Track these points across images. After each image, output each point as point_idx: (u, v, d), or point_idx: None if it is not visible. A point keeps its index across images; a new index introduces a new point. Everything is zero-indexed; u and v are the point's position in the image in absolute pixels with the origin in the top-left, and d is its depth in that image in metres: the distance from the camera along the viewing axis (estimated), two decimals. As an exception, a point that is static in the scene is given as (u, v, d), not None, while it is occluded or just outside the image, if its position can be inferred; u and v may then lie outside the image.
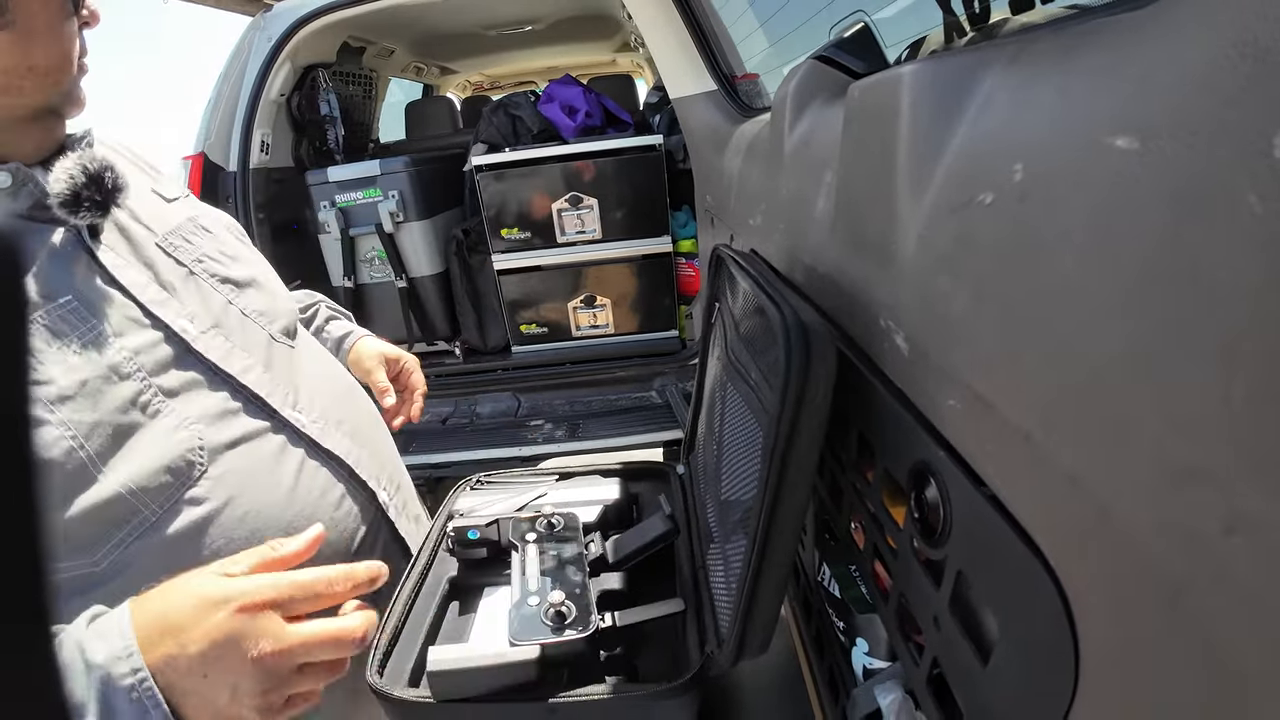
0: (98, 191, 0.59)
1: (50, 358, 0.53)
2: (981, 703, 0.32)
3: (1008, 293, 0.30)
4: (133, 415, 0.57)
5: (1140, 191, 0.22)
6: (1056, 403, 0.26)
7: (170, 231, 0.69)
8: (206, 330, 0.65)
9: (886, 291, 0.43)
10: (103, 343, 0.57)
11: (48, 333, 0.54)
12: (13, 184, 0.57)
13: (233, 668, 0.45)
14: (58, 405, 0.52)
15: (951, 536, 0.34)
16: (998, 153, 0.32)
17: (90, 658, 0.44)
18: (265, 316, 0.74)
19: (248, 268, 0.76)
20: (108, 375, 0.56)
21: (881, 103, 0.46)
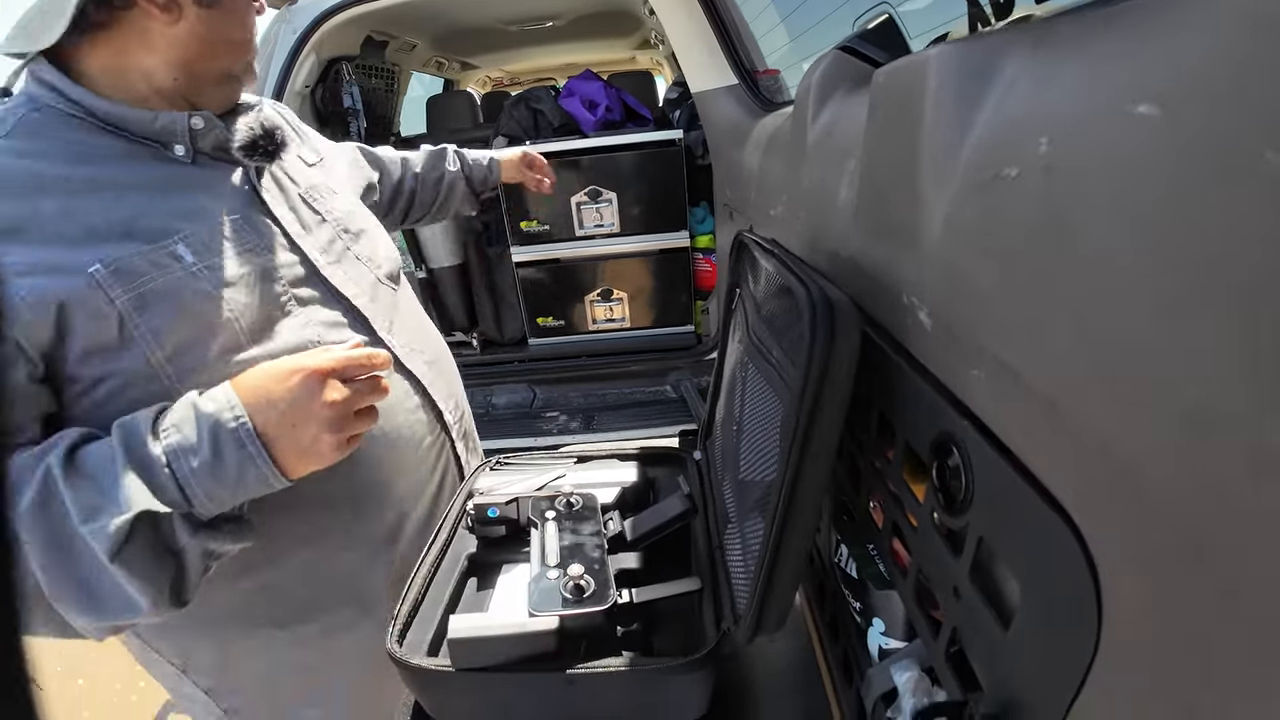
0: (269, 144, 0.78)
1: (223, 253, 0.71)
2: (1001, 668, 0.32)
3: (1034, 262, 0.30)
4: (273, 309, 0.74)
5: (1164, 155, 0.23)
6: (1082, 365, 0.26)
7: (310, 188, 0.87)
8: (332, 262, 0.82)
9: (910, 269, 0.44)
10: (259, 252, 0.74)
11: (222, 236, 0.72)
12: (204, 126, 0.73)
13: (309, 415, 0.63)
14: (224, 287, 0.70)
15: (974, 505, 0.34)
16: (1022, 129, 0.33)
17: (201, 409, 0.61)
18: (373, 261, 0.90)
19: (362, 222, 0.93)
20: (261, 275, 0.74)
21: (907, 86, 0.47)
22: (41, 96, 0.69)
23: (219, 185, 0.75)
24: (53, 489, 0.57)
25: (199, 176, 0.74)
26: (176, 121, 0.71)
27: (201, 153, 0.75)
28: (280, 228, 0.78)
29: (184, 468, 0.60)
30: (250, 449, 0.61)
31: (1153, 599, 0.24)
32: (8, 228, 0.62)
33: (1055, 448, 0.28)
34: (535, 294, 2.25)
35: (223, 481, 0.61)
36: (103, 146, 0.69)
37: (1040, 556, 0.29)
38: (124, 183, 0.69)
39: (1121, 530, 0.25)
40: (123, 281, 0.64)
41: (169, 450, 0.60)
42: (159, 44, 0.69)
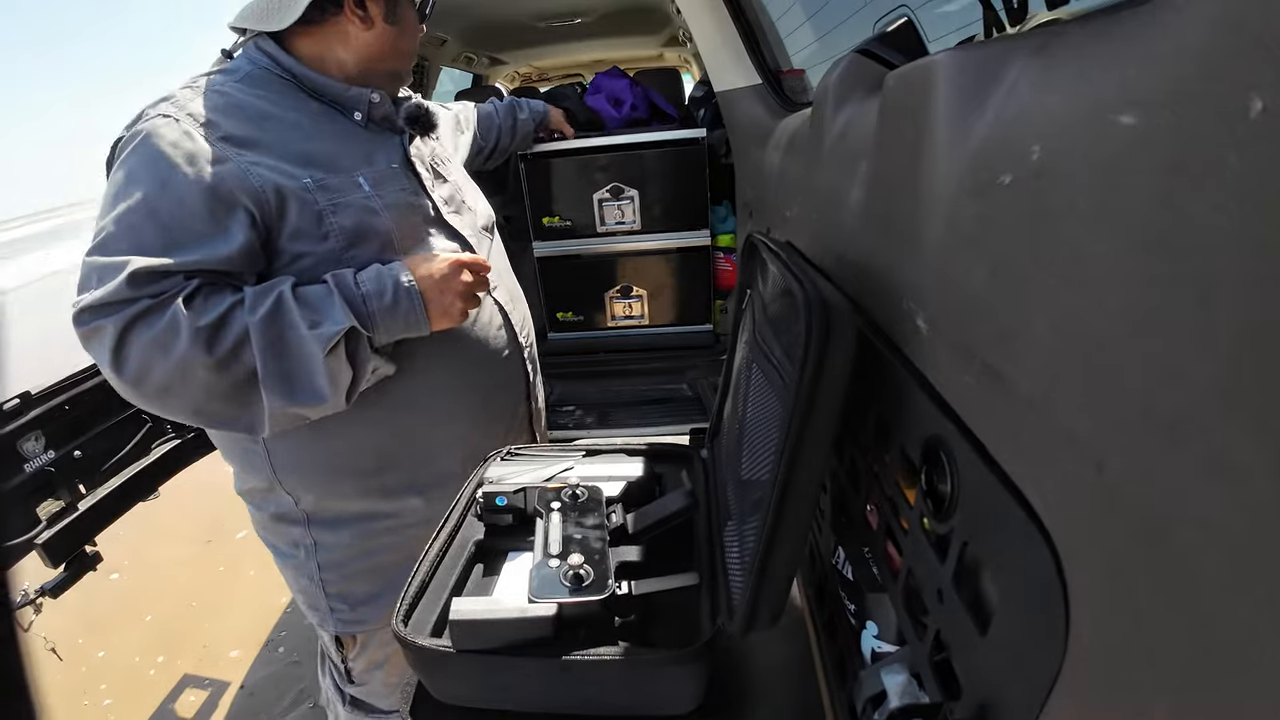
0: (426, 121, 1.11)
1: (388, 189, 0.99)
2: (979, 673, 0.33)
3: (1020, 266, 0.31)
4: (419, 230, 1.02)
5: (1139, 161, 0.24)
6: (1059, 366, 0.27)
7: (435, 156, 1.14)
8: (452, 212, 1.10)
9: (911, 274, 0.44)
10: (410, 193, 1.03)
11: (387, 178, 1.00)
12: (379, 101, 1.01)
13: (449, 287, 0.95)
14: (387, 210, 0.97)
15: (958, 509, 0.35)
16: (1019, 135, 0.33)
17: (387, 272, 0.91)
18: (476, 214, 1.18)
19: (466, 185, 1.21)
20: (410, 208, 1.01)
21: (913, 90, 0.47)
22: (261, 60, 0.97)
23: (384, 144, 1.04)
24: (284, 305, 0.84)
25: (369, 137, 1.02)
26: (362, 95, 0.99)
27: (372, 121, 1.03)
28: (419, 181, 1.06)
29: (373, 305, 0.88)
30: (415, 300, 0.91)
31: (1117, 606, 0.24)
32: (245, 140, 0.88)
33: (1031, 453, 0.29)
34: (555, 289, 2.26)
35: (394, 319, 0.90)
36: (305, 102, 0.97)
37: (1014, 562, 0.29)
38: (321, 130, 0.96)
39: (1090, 536, 0.25)
40: (326, 193, 0.91)
41: (366, 293, 0.88)
42: (353, 43, 0.99)
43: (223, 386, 0.84)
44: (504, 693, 0.63)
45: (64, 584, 1.49)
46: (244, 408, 0.87)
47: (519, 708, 0.63)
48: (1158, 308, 0.22)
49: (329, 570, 1.11)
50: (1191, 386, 0.21)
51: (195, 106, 0.88)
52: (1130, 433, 0.23)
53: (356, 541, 1.10)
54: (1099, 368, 0.25)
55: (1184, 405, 0.21)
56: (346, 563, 1.11)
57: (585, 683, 0.59)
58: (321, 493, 1.07)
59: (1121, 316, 0.24)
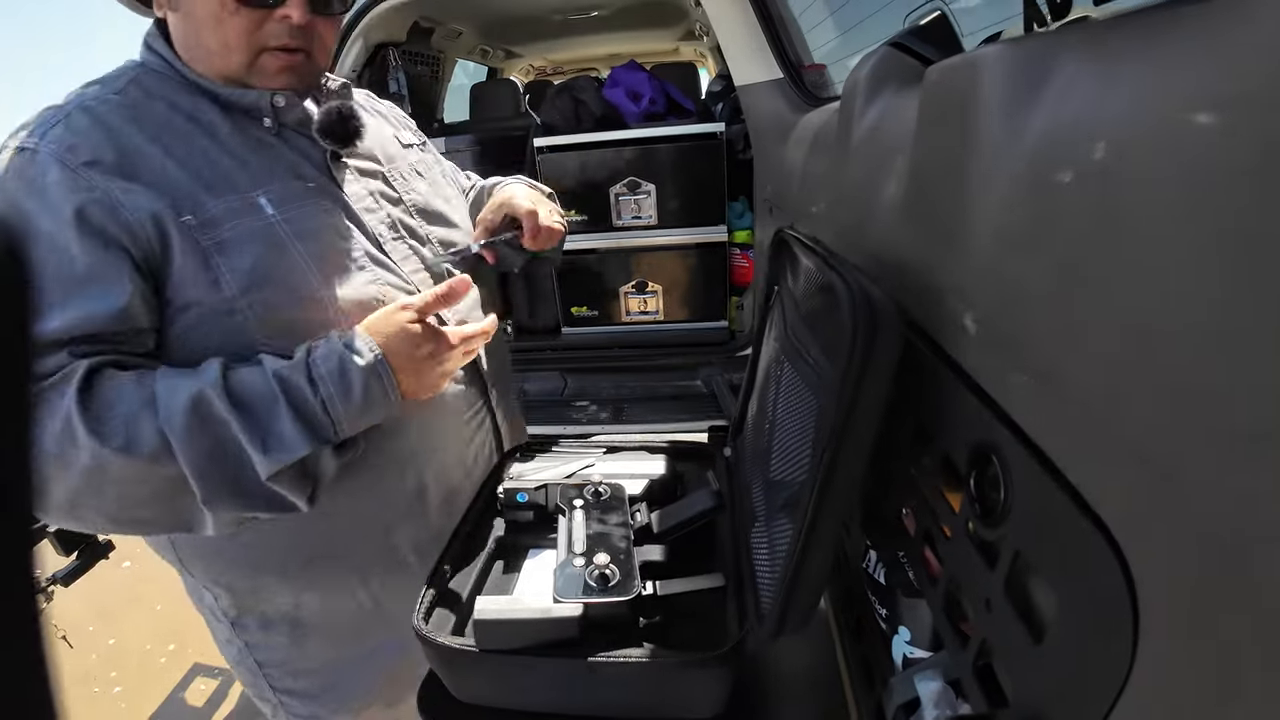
0: (342, 131, 0.82)
1: (300, 210, 0.78)
2: (1032, 683, 0.32)
3: (1085, 267, 0.30)
4: (346, 261, 0.81)
5: (1221, 161, 0.23)
6: (1129, 373, 0.26)
7: (393, 167, 0.93)
8: (396, 239, 0.88)
9: (956, 273, 0.43)
10: (332, 214, 0.81)
11: (298, 195, 0.79)
12: (286, 104, 0.80)
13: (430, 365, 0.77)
14: (299, 240, 0.76)
15: (1010, 516, 0.34)
16: (1078, 133, 0.32)
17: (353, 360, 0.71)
18: (445, 245, 0.96)
19: (444, 205, 0.99)
20: (334, 233, 0.81)
21: (960, 84, 0.45)
22: (150, 61, 0.80)
23: (300, 155, 0.83)
24: (211, 411, 0.67)
25: (282, 146, 0.82)
26: (261, 99, 0.79)
27: (285, 127, 0.82)
28: (346, 201, 0.85)
29: (337, 409, 0.71)
30: (389, 386, 0.73)
31: (1190, 616, 0.23)
32: (118, 164, 0.71)
33: (1097, 459, 0.28)
34: (570, 283, 2.26)
35: (365, 415, 0.74)
36: (202, 109, 0.78)
37: (1077, 570, 0.28)
38: (221, 143, 0.77)
39: (1160, 545, 0.24)
40: (209, 228, 0.72)
41: (328, 397, 0.70)
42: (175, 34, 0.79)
43: (142, 494, 0.68)
44: (526, 693, 0.62)
45: (75, 572, 1.50)
46: (177, 513, 0.70)
47: (540, 709, 0.62)
48: (1242, 313, 0.21)
49: (272, 667, 0.93)
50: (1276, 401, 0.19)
51: (57, 131, 0.71)
52: (1205, 443, 0.22)
53: (296, 643, 0.91)
54: (1173, 374, 0.24)
55: (1268, 417, 0.20)
56: (290, 661, 0.93)
57: (609, 685, 0.58)
58: (242, 592, 0.89)
59: (1200, 321, 0.23)
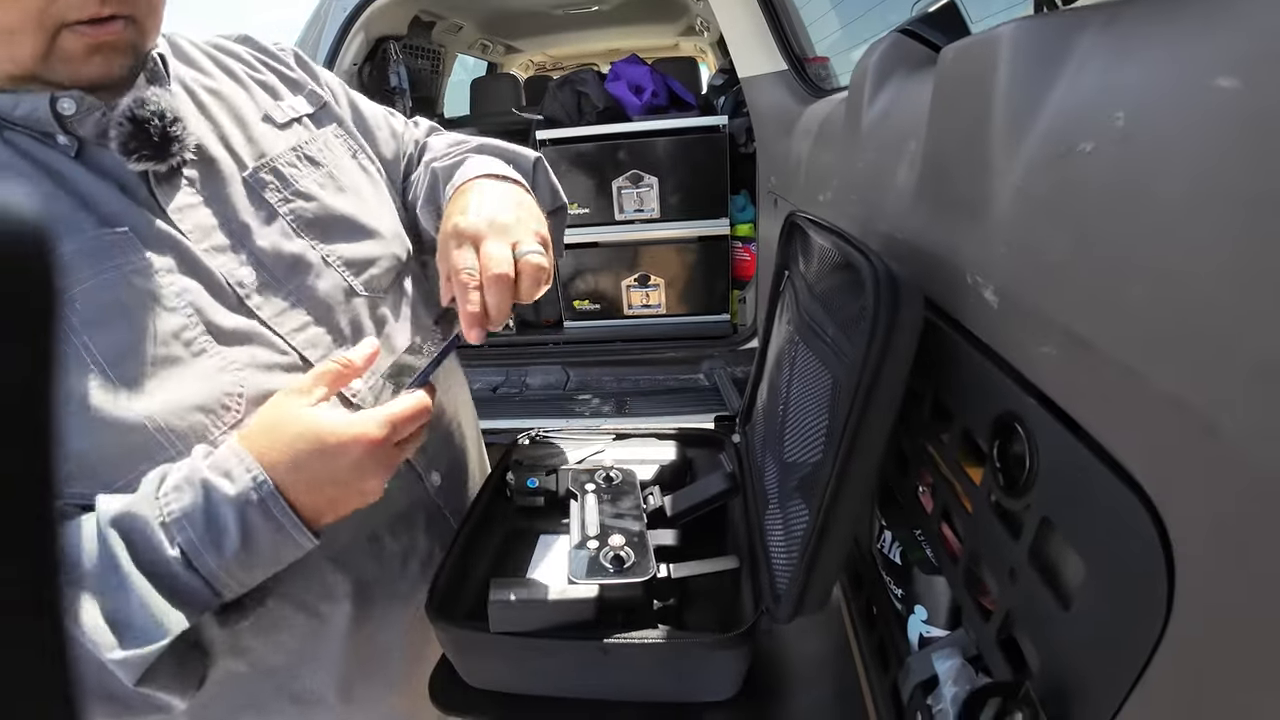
0: (145, 142, 0.55)
1: (94, 280, 0.52)
2: (1060, 649, 0.32)
3: (1111, 232, 0.30)
4: (174, 348, 0.54)
5: (1244, 121, 0.23)
6: (1162, 330, 0.26)
7: (263, 164, 0.64)
8: (267, 283, 0.62)
9: (975, 248, 0.43)
10: (149, 274, 0.54)
11: (90, 257, 0.52)
12: (77, 111, 0.53)
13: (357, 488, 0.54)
14: (90, 328, 0.51)
15: (1037, 484, 0.34)
16: (1098, 103, 0.33)
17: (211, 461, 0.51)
18: (352, 267, 0.67)
19: (353, 203, 0.70)
20: (148, 304, 0.54)
21: (977, 63, 0.46)
22: None
23: (110, 183, 0.56)
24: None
25: (84, 175, 0.55)
26: (37, 107, 0.52)
27: (88, 144, 0.55)
28: (183, 241, 0.57)
29: (208, 564, 0.49)
30: (291, 529, 0.52)
31: (1228, 573, 0.23)
32: None
33: (1129, 420, 0.28)
34: (572, 277, 2.26)
35: (256, 566, 0.52)
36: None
37: (1109, 532, 0.28)
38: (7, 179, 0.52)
39: (1198, 494, 0.24)
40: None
41: (189, 549, 0.49)
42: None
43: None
44: (540, 677, 0.62)
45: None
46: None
47: (555, 692, 0.62)
48: (1274, 264, 0.22)
49: None
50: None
51: None
52: (1246, 393, 0.22)
53: None
54: (1207, 330, 0.24)
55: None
56: None
57: (624, 667, 0.58)
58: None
59: (1231, 276, 0.23)
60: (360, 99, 0.83)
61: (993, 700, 0.35)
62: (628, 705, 0.61)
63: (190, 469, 0.51)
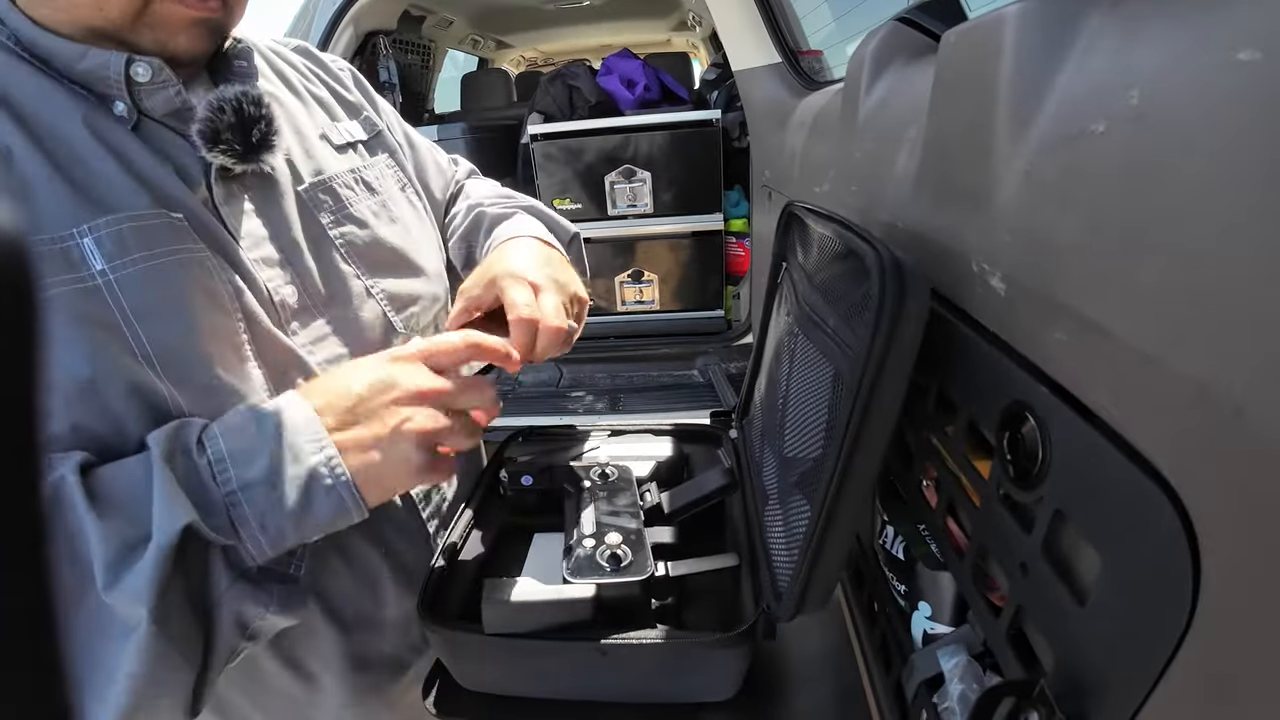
0: (240, 139, 0.53)
1: (140, 263, 0.48)
2: (1076, 645, 0.31)
3: (1126, 214, 0.29)
4: (225, 352, 0.52)
5: (1265, 96, 0.23)
6: (1182, 312, 0.25)
7: (319, 182, 0.62)
8: (309, 308, 0.59)
9: (981, 235, 0.42)
10: (207, 269, 0.51)
11: (144, 235, 0.48)
12: (151, 80, 0.50)
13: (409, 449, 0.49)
14: (139, 317, 0.47)
15: (1049, 476, 0.33)
16: (1109, 83, 0.32)
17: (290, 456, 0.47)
18: (395, 302, 0.65)
19: (402, 237, 0.68)
20: (203, 300, 0.51)
21: (981, 46, 0.45)
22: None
23: (167, 164, 0.52)
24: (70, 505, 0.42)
25: (138, 149, 0.51)
26: (109, 65, 0.49)
27: (147, 117, 0.52)
28: (235, 245, 0.54)
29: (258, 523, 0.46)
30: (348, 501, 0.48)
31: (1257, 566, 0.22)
32: None
33: (1149, 407, 0.27)
34: (565, 274, 2.24)
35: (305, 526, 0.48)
36: (23, 86, 0.48)
37: (1129, 525, 0.27)
38: (30, 140, 0.46)
39: (1224, 491, 0.23)
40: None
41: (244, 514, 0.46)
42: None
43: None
44: (536, 678, 0.61)
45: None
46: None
47: (552, 694, 0.61)
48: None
49: None
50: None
51: None
52: (1271, 372, 0.22)
53: None
54: (1232, 311, 0.23)
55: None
56: None
57: (622, 668, 0.57)
58: None
59: (1254, 254, 0.23)
60: (410, 129, 0.82)
61: (1007, 699, 0.34)
62: (625, 707, 0.59)
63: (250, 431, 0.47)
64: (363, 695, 0.67)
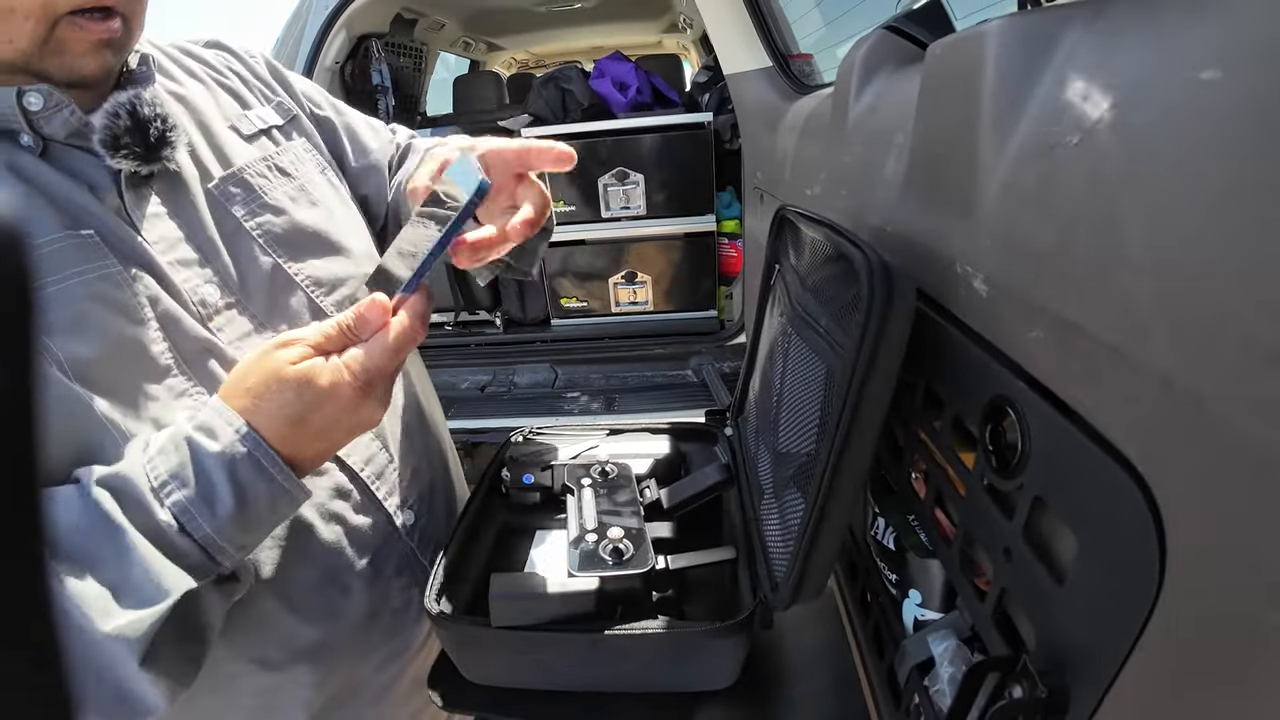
0: (140, 141, 0.54)
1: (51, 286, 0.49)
2: (1055, 623, 0.33)
3: (1099, 220, 0.31)
4: (143, 364, 0.53)
5: (1227, 112, 0.25)
6: (1150, 311, 0.27)
7: (229, 175, 0.62)
8: (231, 304, 0.59)
9: (965, 238, 0.44)
10: (120, 283, 0.52)
11: (56, 259, 0.49)
12: (45, 107, 0.50)
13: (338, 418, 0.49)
14: (60, 335, 0.48)
15: (1029, 466, 0.35)
16: (1084, 97, 0.34)
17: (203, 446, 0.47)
18: (322, 286, 0.65)
19: (324, 219, 0.68)
20: (118, 314, 0.51)
21: (964, 59, 0.47)
22: None
23: (78, 184, 0.53)
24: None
25: (50, 174, 0.52)
26: (2, 102, 0.50)
27: (53, 142, 0.53)
28: (150, 252, 0.54)
29: (202, 528, 0.47)
30: (283, 480, 0.49)
31: (1217, 542, 0.24)
32: None
33: (1118, 399, 0.29)
34: (560, 274, 2.26)
35: (254, 525, 0.49)
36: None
37: (1101, 508, 0.29)
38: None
39: (1186, 474, 0.26)
40: None
41: (180, 512, 0.46)
42: None
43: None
44: (539, 670, 0.63)
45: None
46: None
47: (556, 686, 0.63)
48: (1256, 245, 0.23)
49: None
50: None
51: None
52: (1233, 370, 0.24)
53: None
54: (1194, 310, 0.25)
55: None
56: None
57: (625, 659, 0.59)
58: None
59: (1216, 257, 0.25)
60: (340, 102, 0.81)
61: (992, 674, 0.36)
62: (627, 697, 0.61)
63: (174, 430, 0.48)
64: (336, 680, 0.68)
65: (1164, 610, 0.26)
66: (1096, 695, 0.30)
